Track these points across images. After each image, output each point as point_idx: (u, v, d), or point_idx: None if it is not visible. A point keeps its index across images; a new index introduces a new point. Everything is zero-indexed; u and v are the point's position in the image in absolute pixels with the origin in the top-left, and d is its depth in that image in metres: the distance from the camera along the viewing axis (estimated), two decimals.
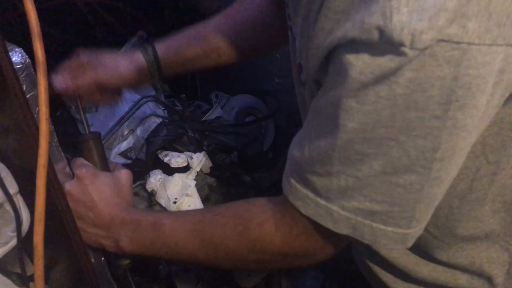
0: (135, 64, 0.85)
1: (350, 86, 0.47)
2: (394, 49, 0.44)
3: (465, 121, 0.47)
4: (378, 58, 0.45)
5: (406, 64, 0.44)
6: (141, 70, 0.86)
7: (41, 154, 0.56)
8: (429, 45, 0.43)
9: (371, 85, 0.46)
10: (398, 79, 0.45)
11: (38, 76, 0.54)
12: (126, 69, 0.85)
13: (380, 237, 0.54)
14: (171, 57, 0.88)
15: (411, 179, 0.50)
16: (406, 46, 0.43)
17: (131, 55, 0.86)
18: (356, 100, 0.47)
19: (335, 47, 0.48)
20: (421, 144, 0.48)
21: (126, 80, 0.85)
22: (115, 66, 0.84)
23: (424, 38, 0.42)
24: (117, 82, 0.85)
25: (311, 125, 0.56)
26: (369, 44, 0.45)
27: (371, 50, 0.45)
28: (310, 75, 0.58)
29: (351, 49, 0.46)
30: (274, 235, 0.61)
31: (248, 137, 1.13)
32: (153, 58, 0.86)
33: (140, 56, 0.86)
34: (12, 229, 0.62)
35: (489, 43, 0.43)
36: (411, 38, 0.43)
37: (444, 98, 0.45)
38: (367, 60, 0.45)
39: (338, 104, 0.49)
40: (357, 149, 0.50)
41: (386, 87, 0.46)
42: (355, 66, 0.46)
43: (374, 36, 0.44)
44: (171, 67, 0.88)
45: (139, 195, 0.95)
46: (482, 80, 0.44)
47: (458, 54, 0.43)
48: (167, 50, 0.88)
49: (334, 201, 0.54)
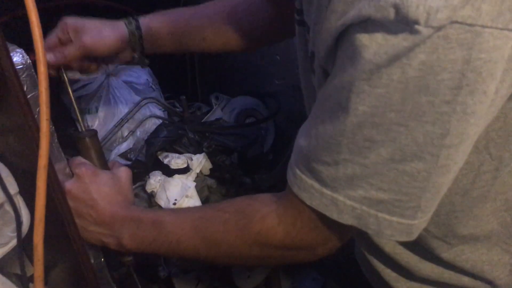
0: (117, 32, 0.88)
1: (362, 67, 0.47)
2: (408, 27, 0.44)
3: (475, 107, 0.47)
4: (392, 37, 0.45)
5: (419, 44, 0.44)
6: (123, 38, 0.88)
7: (41, 154, 0.55)
8: (443, 25, 0.43)
9: (384, 67, 0.46)
10: (411, 61, 0.45)
11: (39, 77, 0.54)
12: (108, 36, 0.87)
13: (385, 227, 0.54)
14: (153, 30, 0.90)
15: (418, 167, 0.50)
16: (421, 24, 0.43)
17: (114, 24, 0.89)
18: (368, 83, 0.47)
19: (347, 28, 0.48)
20: (430, 130, 0.48)
21: (109, 48, 0.87)
22: (99, 33, 0.86)
23: (440, 16, 0.43)
24: (101, 50, 0.87)
25: (319, 113, 0.56)
26: (383, 23, 0.45)
27: (385, 30, 0.45)
28: (319, 62, 0.58)
29: (364, 29, 0.46)
30: (276, 228, 0.61)
31: (248, 138, 1.13)
32: (135, 27, 0.88)
33: (123, 25, 0.88)
34: (12, 230, 0.62)
35: (501, 27, 0.43)
36: (426, 16, 0.43)
37: (455, 82, 0.45)
38: (380, 40, 0.46)
39: (349, 88, 0.49)
40: (366, 134, 0.50)
41: (399, 69, 0.46)
42: (369, 47, 0.46)
43: (389, 14, 0.44)
44: (153, 40, 0.90)
45: (139, 196, 0.95)
46: (493, 65, 0.45)
47: (470, 36, 0.43)
48: (150, 23, 0.90)
49: (340, 190, 0.54)
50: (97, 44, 0.86)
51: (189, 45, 0.93)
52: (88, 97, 1.10)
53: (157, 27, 0.90)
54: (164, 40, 0.91)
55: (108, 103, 1.10)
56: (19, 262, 0.63)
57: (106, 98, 1.11)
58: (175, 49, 0.93)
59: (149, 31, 0.89)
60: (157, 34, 0.90)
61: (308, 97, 0.74)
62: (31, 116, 0.58)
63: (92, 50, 0.86)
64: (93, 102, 1.10)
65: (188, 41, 0.92)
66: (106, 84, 1.11)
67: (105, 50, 0.87)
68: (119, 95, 1.11)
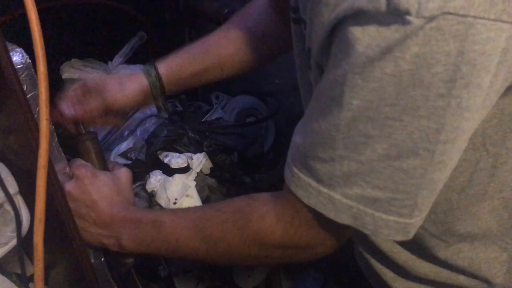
0: (138, 85, 0.87)
1: (355, 61, 0.47)
2: (400, 19, 0.44)
3: (469, 101, 0.47)
4: (384, 29, 0.45)
5: (411, 36, 0.44)
6: (145, 91, 0.88)
7: (41, 154, 0.55)
8: (435, 15, 0.43)
9: (377, 60, 0.46)
10: (404, 54, 0.45)
11: (39, 76, 0.54)
12: (131, 92, 0.87)
13: (382, 227, 0.54)
14: (173, 76, 0.89)
15: (414, 163, 0.50)
16: (412, 15, 0.43)
17: (135, 78, 0.88)
18: (361, 76, 0.47)
19: (340, 20, 0.48)
20: (425, 125, 0.48)
21: (132, 102, 0.87)
22: (121, 89, 0.86)
23: (431, 6, 0.42)
24: (123, 105, 0.87)
25: (314, 109, 0.55)
26: (375, 15, 0.45)
27: (378, 22, 0.45)
28: (314, 58, 0.58)
29: (357, 22, 0.46)
30: (275, 227, 0.61)
31: (248, 138, 1.13)
32: (156, 80, 0.88)
33: (142, 77, 0.88)
34: (12, 229, 0.62)
35: (494, 18, 0.43)
36: (418, 6, 0.43)
37: (449, 75, 0.45)
38: (373, 33, 0.45)
39: (343, 81, 0.49)
40: (361, 129, 0.50)
41: (392, 63, 0.45)
42: (361, 40, 0.46)
43: (381, 5, 0.44)
44: (174, 85, 0.90)
45: (139, 196, 0.95)
46: (487, 57, 0.45)
47: (463, 28, 0.43)
48: (169, 70, 0.89)
49: (337, 188, 0.54)
50: (119, 100, 0.85)
51: (208, 80, 0.92)
52: None
53: (176, 72, 0.90)
54: (184, 82, 0.91)
55: None
56: (19, 262, 0.63)
57: None
58: (197, 86, 0.94)
59: (169, 77, 0.89)
60: (177, 79, 0.90)
61: (305, 95, 0.74)
62: (31, 115, 0.58)
63: (115, 106, 0.85)
64: None
65: (207, 77, 0.92)
66: None
67: (127, 104, 0.87)
68: None
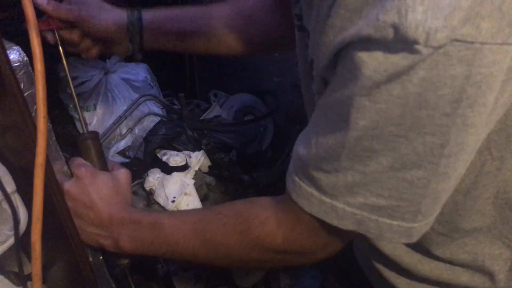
0: (117, 17, 0.86)
1: (362, 84, 0.47)
2: (408, 47, 0.44)
3: (474, 119, 0.47)
4: (391, 56, 0.45)
5: (419, 63, 0.44)
6: (121, 26, 0.86)
7: (39, 152, 0.55)
8: (443, 44, 0.43)
9: (384, 83, 0.46)
10: (411, 77, 0.45)
11: (36, 74, 0.54)
12: (106, 18, 0.85)
13: (385, 231, 0.54)
14: (157, 24, 0.88)
15: (418, 174, 0.50)
16: (421, 44, 0.43)
17: (117, 10, 0.87)
18: (368, 98, 0.48)
19: (347, 44, 0.48)
20: (430, 141, 0.48)
21: (105, 29, 0.85)
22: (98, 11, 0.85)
23: (439, 36, 0.43)
24: (95, 28, 0.85)
25: (318, 123, 0.56)
26: (383, 42, 0.45)
27: (385, 48, 0.45)
28: (318, 71, 0.58)
29: (364, 47, 0.46)
30: (276, 233, 0.61)
31: (247, 136, 1.13)
32: (136, 19, 0.86)
33: (125, 14, 0.86)
34: (9, 228, 0.62)
35: (501, 42, 0.43)
36: (426, 36, 0.43)
37: (455, 97, 0.45)
38: (380, 58, 0.45)
39: (350, 102, 0.49)
40: (366, 145, 0.50)
41: (399, 85, 0.46)
42: (369, 64, 0.46)
43: (388, 34, 0.44)
44: (154, 35, 0.88)
45: (138, 194, 0.95)
46: (493, 78, 0.45)
47: (471, 53, 0.43)
48: (154, 18, 0.88)
49: (340, 198, 0.54)
50: (92, 20, 0.83)
51: (191, 44, 0.90)
52: (86, 95, 1.10)
53: (161, 22, 0.88)
54: (167, 36, 0.89)
55: (106, 101, 1.10)
56: (17, 261, 0.63)
57: (104, 96, 1.10)
58: (176, 48, 0.91)
59: (151, 25, 0.87)
60: (159, 29, 0.88)
61: (307, 101, 0.74)
62: (28, 114, 0.58)
63: (86, 24, 0.83)
64: (91, 100, 1.10)
65: (191, 41, 0.90)
66: (104, 81, 1.11)
67: (99, 30, 0.85)
68: (117, 92, 1.11)
